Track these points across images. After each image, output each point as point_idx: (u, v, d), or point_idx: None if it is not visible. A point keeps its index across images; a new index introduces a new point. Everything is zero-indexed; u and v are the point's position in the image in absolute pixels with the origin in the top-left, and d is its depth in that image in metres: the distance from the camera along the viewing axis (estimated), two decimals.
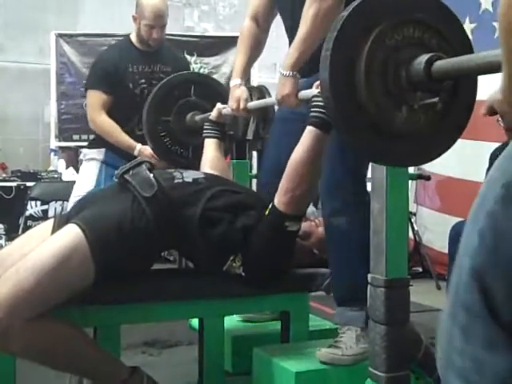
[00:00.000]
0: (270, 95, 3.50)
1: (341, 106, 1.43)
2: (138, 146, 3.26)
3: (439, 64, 1.36)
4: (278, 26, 2.80)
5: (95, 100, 3.39)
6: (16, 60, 7.17)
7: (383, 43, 1.40)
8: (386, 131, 1.44)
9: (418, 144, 1.50)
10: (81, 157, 3.75)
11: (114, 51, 3.51)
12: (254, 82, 6.82)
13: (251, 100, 3.44)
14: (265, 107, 2.70)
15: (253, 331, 2.47)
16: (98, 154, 3.46)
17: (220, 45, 7.31)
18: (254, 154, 3.71)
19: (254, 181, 3.57)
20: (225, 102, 2.86)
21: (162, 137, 2.96)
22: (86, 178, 3.46)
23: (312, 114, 1.92)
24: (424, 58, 1.38)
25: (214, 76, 7.14)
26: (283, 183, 2.00)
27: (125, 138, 3.32)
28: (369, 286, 1.77)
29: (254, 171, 3.60)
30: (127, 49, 3.45)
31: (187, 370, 2.50)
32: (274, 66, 8.13)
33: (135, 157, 2.97)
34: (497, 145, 3.71)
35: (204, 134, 2.69)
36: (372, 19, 1.41)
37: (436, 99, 1.41)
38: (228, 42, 7.31)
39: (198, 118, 2.89)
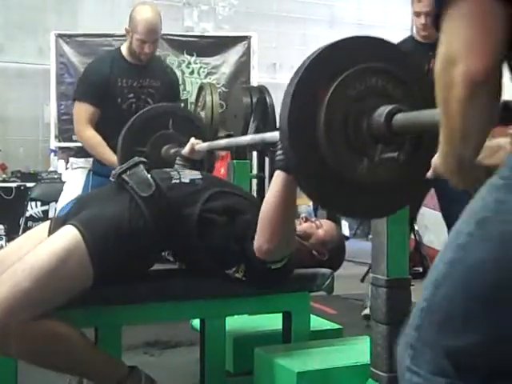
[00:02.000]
0: (269, 95, 3.51)
1: (301, 159, 1.38)
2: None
3: (400, 118, 1.31)
4: (277, 26, 2.80)
5: (82, 112, 3.37)
6: (16, 60, 7.17)
7: (344, 94, 1.36)
8: (348, 183, 1.40)
9: (380, 196, 1.45)
10: (67, 166, 3.72)
11: (104, 63, 3.46)
12: (254, 83, 6.83)
13: (251, 100, 3.46)
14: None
15: (254, 331, 2.47)
16: (86, 162, 3.44)
17: (220, 45, 7.31)
18: (254, 154, 3.72)
19: (254, 181, 3.57)
20: (203, 137, 2.82)
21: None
22: (73, 185, 3.44)
23: (278, 157, 1.85)
24: (384, 110, 1.33)
25: (214, 76, 7.18)
26: (257, 231, 1.94)
27: (108, 154, 3.27)
28: (370, 286, 1.77)
29: (255, 171, 3.60)
30: (117, 62, 3.42)
31: (188, 371, 2.50)
32: (274, 66, 8.14)
33: None
34: None
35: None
36: (332, 69, 1.37)
37: (395, 154, 1.37)
38: (228, 42, 7.31)
39: (172, 151, 2.84)
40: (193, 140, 2.63)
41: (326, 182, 1.39)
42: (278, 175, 1.85)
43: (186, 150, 2.63)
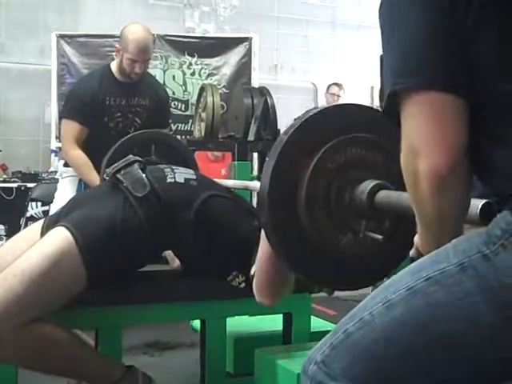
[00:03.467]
0: (270, 97, 3.51)
1: (281, 235, 1.36)
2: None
3: (382, 195, 1.29)
4: (279, 27, 2.80)
5: (69, 131, 3.35)
6: (17, 60, 7.17)
7: (328, 164, 1.33)
8: (329, 257, 1.39)
9: (363, 267, 1.44)
10: (57, 176, 3.71)
11: (93, 81, 3.43)
12: (255, 84, 6.83)
13: (252, 101, 3.45)
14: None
15: (255, 332, 2.46)
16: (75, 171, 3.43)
17: (221, 46, 7.30)
18: (255, 155, 3.72)
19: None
20: (187, 163, 2.70)
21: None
22: (63, 195, 3.41)
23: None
24: (367, 187, 1.31)
25: (215, 77, 7.17)
26: (256, 290, 1.89)
27: (93, 176, 3.23)
28: (371, 288, 1.77)
29: (255, 172, 3.59)
30: (107, 79, 3.40)
31: (189, 372, 2.50)
32: (275, 67, 8.14)
33: None
34: None
35: None
36: (311, 143, 1.34)
37: (380, 237, 1.34)
38: (229, 43, 7.30)
39: None
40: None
41: (306, 256, 1.36)
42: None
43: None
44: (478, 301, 0.93)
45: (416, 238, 1.15)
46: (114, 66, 3.42)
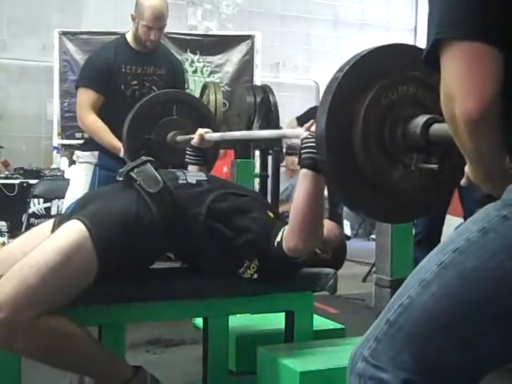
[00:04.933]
0: (273, 94, 3.51)
1: (337, 168, 1.41)
2: (123, 148, 3.15)
3: (436, 128, 1.34)
4: (282, 25, 2.81)
5: (85, 98, 3.35)
6: (19, 57, 7.18)
7: (379, 103, 1.39)
8: (382, 190, 1.44)
9: (412, 201, 1.50)
10: (73, 158, 3.70)
11: (108, 50, 3.44)
12: (258, 82, 6.83)
13: (254, 100, 3.45)
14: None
15: (257, 331, 2.47)
16: (92, 157, 3.41)
17: (223, 43, 7.31)
18: (257, 152, 3.72)
19: (257, 180, 3.57)
20: (208, 123, 2.82)
21: (141, 156, 2.86)
22: (80, 181, 3.41)
23: (304, 155, 1.88)
24: (420, 121, 1.36)
25: (217, 75, 7.18)
26: (288, 228, 1.98)
27: (110, 138, 3.26)
28: (374, 287, 1.78)
29: (258, 170, 3.60)
30: (122, 48, 3.40)
31: (191, 369, 2.50)
32: (277, 65, 8.14)
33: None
34: None
35: (186, 160, 2.64)
36: (367, 80, 1.39)
37: (435, 166, 1.41)
38: (231, 41, 7.31)
39: (179, 138, 2.84)
40: (201, 130, 2.61)
41: (360, 189, 1.42)
42: (306, 174, 1.89)
43: (195, 140, 2.61)
44: (503, 259, 0.97)
45: (466, 168, 1.19)
46: (129, 35, 3.43)
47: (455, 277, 1.01)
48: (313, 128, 1.87)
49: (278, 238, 2.01)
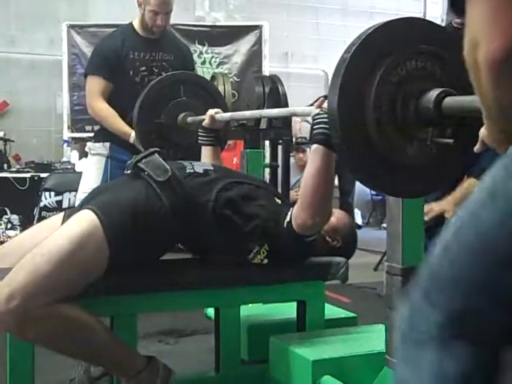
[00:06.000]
0: (282, 85, 3.50)
1: (350, 144, 1.41)
2: (134, 134, 3.12)
3: (449, 102, 1.34)
4: (290, 15, 2.80)
5: (94, 86, 3.34)
6: (28, 51, 7.19)
7: (389, 81, 1.39)
8: (396, 166, 1.44)
9: (426, 176, 1.50)
10: (86, 149, 3.70)
11: (116, 37, 3.43)
12: (266, 72, 6.82)
13: (263, 90, 3.45)
14: None
15: (269, 320, 2.47)
16: (103, 148, 3.41)
17: (231, 34, 7.30)
18: (267, 143, 3.72)
19: (267, 170, 3.57)
20: (215, 101, 2.83)
21: (153, 139, 2.89)
22: (92, 173, 3.42)
23: (316, 131, 1.90)
24: (432, 95, 1.36)
25: (226, 66, 7.17)
26: (297, 205, 2.01)
27: (120, 124, 3.25)
28: (385, 275, 1.77)
29: (268, 160, 3.59)
30: (129, 35, 3.39)
31: (203, 359, 2.52)
32: (286, 55, 8.12)
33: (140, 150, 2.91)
34: None
35: (199, 142, 2.66)
36: (380, 52, 1.40)
37: (451, 140, 1.41)
38: (239, 32, 7.29)
39: (189, 119, 2.85)
40: (211, 111, 2.62)
41: (373, 164, 1.42)
42: (318, 150, 1.91)
43: (206, 121, 2.62)
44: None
45: (482, 130, 1.19)
46: (135, 22, 3.41)
47: (470, 235, 1.01)
48: (324, 105, 1.88)
49: (288, 219, 2.03)
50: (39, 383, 2.01)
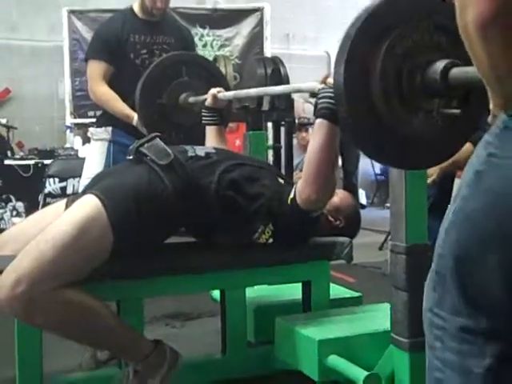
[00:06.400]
0: (284, 66, 3.48)
1: (357, 117, 1.42)
2: (136, 116, 3.11)
3: (455, 73, 1.34)
4: None
5: (95, 70, 3.32)
6: (28, 38, 7.17)
7: (397, 48, 1.39)
8: (401, 138, 1.44)
9: (432, 147, 1.50)
10: (88, 134, 3.69)
11: (116, 21, 3.41)
12: (268, 54, 6.79)
13: (265, 72, 3.43)
14: None
15: (274, 301, 2.48)
16: (105, 133, 3.40)
17: (232, 17, 7.27)
18: (270, 124, 3.71)
19: (270, 152, 3.56)
20: (217, 81, 2.82)
21: (155, 121, 2.88)
22: (95, 159, 3.41)
23: (320, 105, 1.89)
24: (439, 66, 1.36)
25: (227, 48, 7.14)
26: (301, 180, 2.01)
27: (122, 107, 3.22)
28: (390, 253, 1.77)
29: (270, 142, 3.59)
30: (129, 18, 3.36)
31: (210, 341, 2.52)
32: (287, 36, 8.08)
33: (142, 133, 2.91)
34: None
35: (203, 122, 2.66)
36: (385, 24, 1.39)
37: (457, 111, 1.41)
38: (240, 15, 7.26)
39: (191, 99, 2.84)
40: (213, 90, 2.62)
41: (380, 137, 1.42)
42: (322, 124, 1.91)
43: (208, 100, 2.62)
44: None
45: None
46: (135, 6, 3.39)
47: (463, 219, 1.02)
48: (329, 80, 1.88)
49: (291, 195, 2.04)
50: (47, 368, 2.03)
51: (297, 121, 5.37)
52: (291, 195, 2.04)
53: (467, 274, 1.01)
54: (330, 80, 1.85)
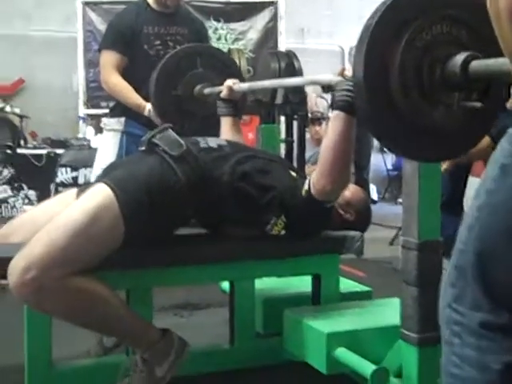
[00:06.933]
0: (298, 60, 3.48)
1: (376, 110, 1.42)
2: (148, 106, 3.11)
3: (475, 65, 1.34)
4: None
5: (109, 60, 3.32)
6: (43, 29, 7.18)
7: (417, 41, 1.39)
8: (421, 130, 1.44)
9: (451, 141, 1.50)
10: (101, 125, 3.70)
11: (129, 12, 3.42)
12: (282, 48, 6.78)
13: (279, 66, 3.43)
14: None
15: (283, 293, 2.48)
16: (118, 124, 3.41)
17: (246, 10, 7.26)
18: (283, 118, 3.70)
19: (283, 145, 3.56)
20: (232, 72, 2.82)
21: (170, 111, 2.88)
22: (107, 149, 3.41)
23: (338, 97, 1.89)
24: (459, 59, 1.35)
25: (241, 42, 7.14)
26: (317, 171, 2.01)
27: (135, 97, 3.22)
28: (401, 249, 1.77)
29: (283, 135, 3.58)
30: (143, 10, 3.37)
31: (218, 332, 2.53)
32: (302, 31, 8.05)
33: (155, 124, 2.92)
34: None
35: (218, 113, 2.66)
36: (405, 17, 1.39)
37: (478, 104, 1.40)
38: (254, 8, 7.25)
39: (206, 91, 2.84)
40: (229, 82, 2.61)
41: (400, 129, 1.43)
42: (338, 116, 1.91)
43: (224, 92, 2.61)
44: None
45: None
46: None
47: (489, 213, 1.00)
48: (346, 72, 1.88)
49: (306, 187, 2.04)
50: (56, 355, 2.04)
51: (310, 115, 5.36)
52: (305, 187, 2.04)
53: (490, 268, 1.00)
54: (347, 73, 1.86)
